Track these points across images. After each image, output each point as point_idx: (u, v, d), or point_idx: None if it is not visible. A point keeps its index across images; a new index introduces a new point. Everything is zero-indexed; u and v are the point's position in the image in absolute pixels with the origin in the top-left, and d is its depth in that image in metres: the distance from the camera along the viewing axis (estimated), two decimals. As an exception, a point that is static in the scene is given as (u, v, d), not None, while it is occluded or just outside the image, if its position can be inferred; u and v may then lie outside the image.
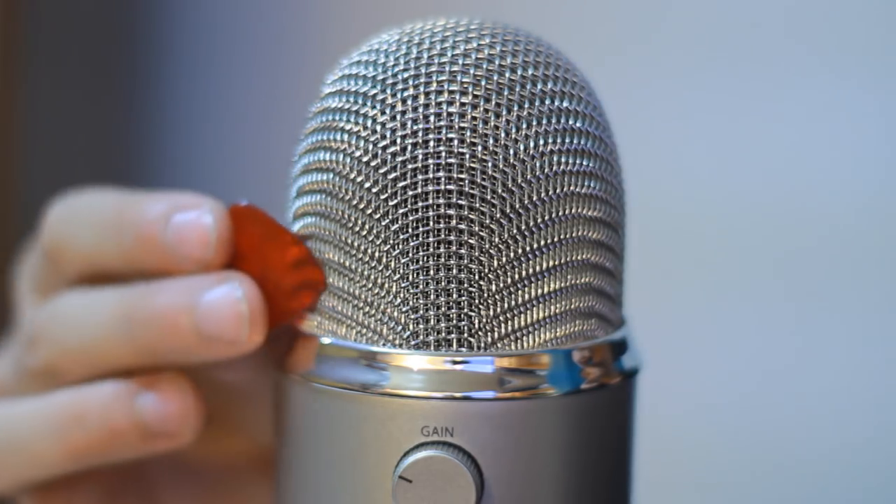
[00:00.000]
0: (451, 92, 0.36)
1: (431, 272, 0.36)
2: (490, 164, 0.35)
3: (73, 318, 0.40)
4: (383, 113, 0.36)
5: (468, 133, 0.36)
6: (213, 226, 0.39)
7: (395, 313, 0.36)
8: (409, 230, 0.36)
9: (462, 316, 0.36)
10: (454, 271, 0.35)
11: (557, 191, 0.36)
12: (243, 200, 0.39)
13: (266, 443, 0.43)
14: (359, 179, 0.36)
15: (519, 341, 0.36)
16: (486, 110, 0.36)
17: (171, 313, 0.39)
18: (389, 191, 0.36)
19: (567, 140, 0.36)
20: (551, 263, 0.36)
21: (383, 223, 0.36)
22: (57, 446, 0.40)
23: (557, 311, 0.36)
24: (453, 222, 0.35)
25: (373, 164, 0.36)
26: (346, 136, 0.36)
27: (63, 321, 0.40)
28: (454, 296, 0.36)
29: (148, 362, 0.40)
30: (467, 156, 0.35)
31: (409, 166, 0.36)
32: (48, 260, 0.42)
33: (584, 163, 0.36)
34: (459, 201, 0.35)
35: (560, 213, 0.36)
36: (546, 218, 0.36)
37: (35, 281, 0.43)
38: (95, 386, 0.40)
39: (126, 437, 0.40)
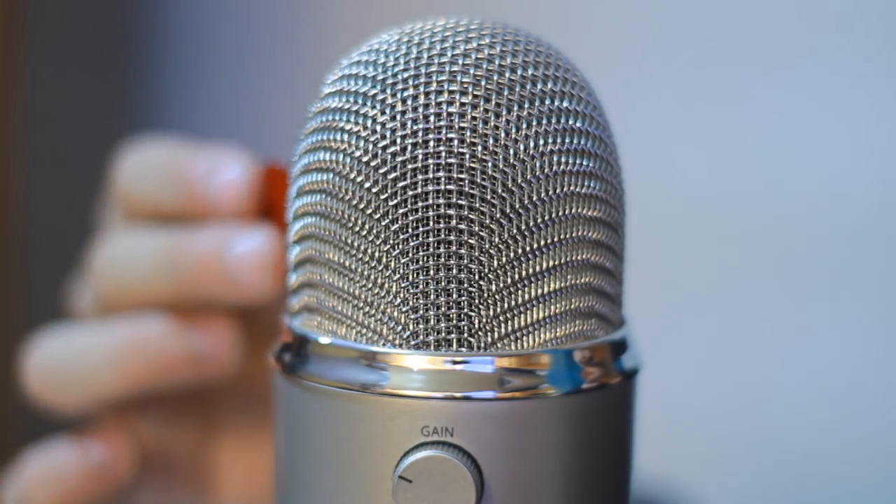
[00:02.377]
0: (450, 92, 0.36)
1: (431, 272, 0.36)
2: (490, 164, 0.35)
3: (126, 257, 0.48)
4: (383, 113, 0.36)
5: (468, 133, 0.35)
6: (244, 184, 0.47)
7: (395, 313, 0.36)
8: (409, 230, 0.36)
9: (462, 316, 0.35)
10: (454, 271, 0.35)
11: (557, 191, 0.36)
12: (281, 161, 0.46)
13: None
14: (359, 179, 0.36)
15: (519, 341, 0.36)
16: (486, 110, 0.36)
17: (205, 260, 0.46)
18: (389, 191, 0.36)
19: (567, 140, 0.36)
20: (551, 263, 0.36)
21: (383, 223, 0.36)
22: (119, 375, 0.47)
23: (557, 311, 0.36)
24: (453, 222, 0.35)
25: (373, 164, 0.36)
26: (346, 136, 0.36)
27: (117, 260, 0.48)
28: (454, 296, 0.35)
29: (189, 300, 0.47)
30: (467, 156, 0.35)
31: (409, 166, 0.36)
32: (120, 205, 0.50)
33: (584, 163, 0.36)
34: (459, 201, 0.35)
35: (560, 213, 0.36)
36: (546, 218, 0.36)
37: (110, 216, 0.51)
38: (153, 321, 0.47)
39: (179, 368, 0.47)
